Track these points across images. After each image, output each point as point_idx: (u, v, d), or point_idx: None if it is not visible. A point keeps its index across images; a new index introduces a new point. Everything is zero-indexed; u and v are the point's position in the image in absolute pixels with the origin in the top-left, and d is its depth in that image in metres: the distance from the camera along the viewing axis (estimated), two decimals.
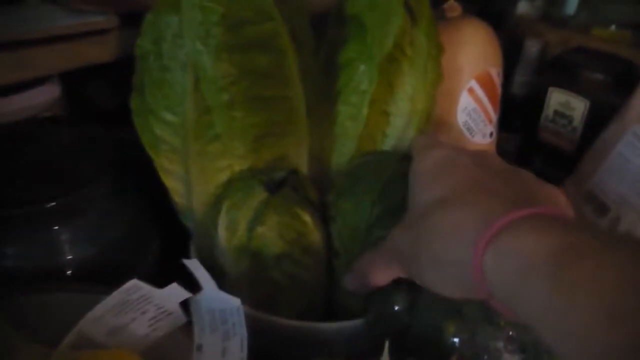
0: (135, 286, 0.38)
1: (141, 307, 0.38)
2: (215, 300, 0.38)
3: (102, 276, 0.44)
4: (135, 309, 0.38)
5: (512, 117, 0.76)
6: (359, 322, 0.42)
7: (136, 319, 0.39)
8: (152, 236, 0.51)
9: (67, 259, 0.45)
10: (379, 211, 0.42)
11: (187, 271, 0.38)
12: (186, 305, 0.38)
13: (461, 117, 0.60)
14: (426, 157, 0.38)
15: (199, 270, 0.38)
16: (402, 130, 0.49)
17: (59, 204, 0.45)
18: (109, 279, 0.39)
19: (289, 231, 0.42)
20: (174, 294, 0.38)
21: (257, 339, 0.37)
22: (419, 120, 0.49)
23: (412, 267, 0.35)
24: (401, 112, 0.48)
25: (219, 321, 0.37)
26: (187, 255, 0.47)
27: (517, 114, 0.77)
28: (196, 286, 0.38)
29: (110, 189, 0.48)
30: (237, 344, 0.37)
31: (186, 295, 0.38)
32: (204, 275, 0.38)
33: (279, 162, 0.44)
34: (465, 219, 0.31)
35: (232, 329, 0.37)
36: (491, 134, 0.63)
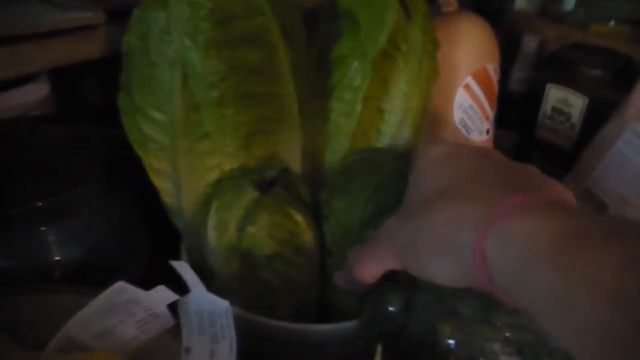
0: (121, 289, 0.37)
1: (128, 309, 0.38)
2: (203, 302, 0.37)
3: (91, 277, 0.43)
4: (122, 311, 0.38)
5: (510, 114, 0.76)
6: (353, 323, 0.41)
7: (124, 322, 0.38)
8: (142, 236, 0.50)
9: (55, 259, 0.44)
10: (373, 210, 0.41)
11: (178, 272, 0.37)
12: (175, 307, 0.38)
13: (457, 114, 0.59)
14: (428, 153, 0.38)
15: (187, 272, 0.37)
16: (397, 127, 0.48)
17: (47, 203, 0.44)
18: (98, 279, 0.39)
19: (280, 231, 0.41)
20: (161, 296, 0.37)
21: (248, 340, 0.36)
22: (413, 117, 0.49)
23: (409, 257, 0.35)
24: (396, 109, 0.47)
25: (208, 323, 0.37)
26: (178, 255, 0.46)
27: (514, 111, 0.77)
28: (186, 288, 0.37)
29: (99, 189, 0.48)
30: (226, 347, 0.36)
31: (174, 297, 0.37)
32: (192, 277, 0.37)
33: (270, 160, 0.43)
34: (468, 205, 0.31)
35: (220, 331, 0.36)
36: (488, 131, 0.62)
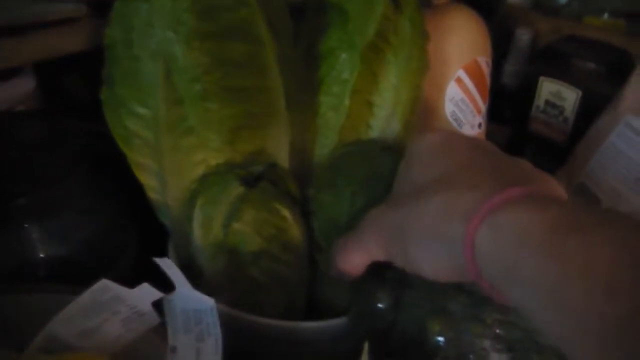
0: (105, 286, 0.36)
1: (113, 307, 0.37)
2: (189, 300, 0.36)
3: (76, 275, 0.42)
4: (106, 309, 0.37)
5: (502, 108, 0.75)
6: (341, 320, 0.41)
7: (108, 320, 0.38)
8: (129, 234, 0.49)
9: (40, 257, 0.44)
10: (361, 203, 0.41)
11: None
12: (161, 305, 0.37)
13: (449, 108, 0.58)
14: (420, 142, 0.37)
15: (172, 269, 0.36)
16: (386, 121, 0.48)
17: (31, 200, 0.43)
18: (84, 278, 0.38)
19: (267, 227, 0.40)
20: (146, 293, 0.36)
21: (236, 338, 0.35)
22: (403, 110, 0.48)
23: (396, 247, 0.34)
24: (385, 103, 0.47)
25: (193, 322, 0.36)
26: (165, 253, 0.45)
27: (507, 105, 0.77)
28: (173, 286, 0.37)
29: (85, 185, 0.47)
30: (211, 345, 0.35)
31: (158, 295, 0.36)
32: (177, 274, 0.36)
33: (257, 156, 0.42)
34: (459, 195, 0.30)
35: (206, 329, 0.36)
36: (480, 125, 0.62)
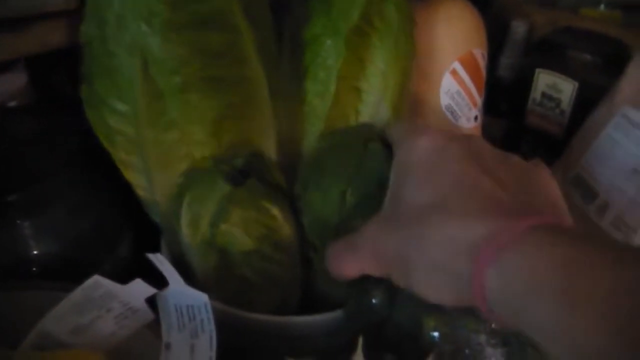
0: (97, 283, 0.36)
1: (105, 304, 0.37)
2: (182, 296, 0.36)
3: (69, 272, 0.42)
4: (99, 306, 0.37)
5: (498, 101, 0.75)
6: (335, 314, 0.40)
7: (101, 317, 0.37)
8: (123, 231, 0.49)
9: (32, 254, 0.43)
10: (354, 199, 0.40)
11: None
12: (154, 302, 0.37)
13: (444, 100, 0.58)
14: (411, 149, 0.36)
15: (164, 265, 0.36)
16: (375, 107, 0.47)
17: (23, 196, 0.43)
18: (76, 275, 0.38)
19: (256, 226, 0.40)
20: (139, 290, 0.36)
21: (229, 335, 0.35)
22: (392, 96, 0.47)
23: (397, 272, 0.34)
24: (373, 89, 0.46)
25: (187, 318, 0.36)
26: (159, 251, 0.45)
27: (503, 97, 0.76)
28: (166, 282, 0.36)
29: (78, 181, 0.47)
30: (206, 341, 0.35)
31: (151, 291, 0.36)
32: (169, 270, 0.36)
33: (243, 147, 0.41)
34: (463, 228, 0.30)
35: (200, 325, 0.36)
36: (476, 118, 0.61)
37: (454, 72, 0.58)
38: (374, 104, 0.47)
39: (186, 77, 0.38)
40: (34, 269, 0.43)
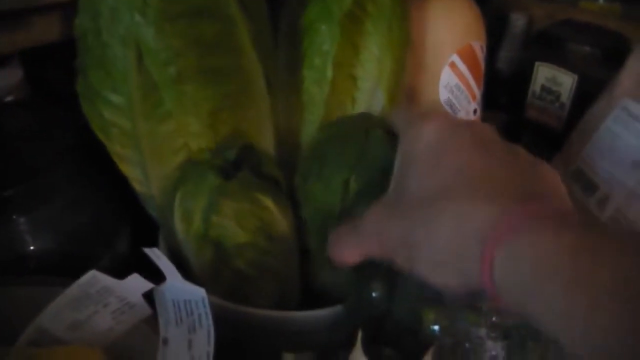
0: (94, 278, 0.36)
1: (102, 299, 0.37)
2: (180, 291, 0.36)
3: (66, 268, 0.42)
4: (96, 301, 0.37)
5: (498, 94, 0.74)
6: (335, 309, 0.40)
7: (98, 312, 0.37)
8: (120, 226, 0.49)
9: (28, 250, 0.43)
10: (357, 187, 0.40)
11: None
12: (151, 297, 0.37)
13: (443, 94, 0.58)
14: (417, 136, 0.35)
15: (161, 259, 0.36)
16: (371, 93, 0.47)
17: (20, 191, 0.43)
18: (73, 271, 0.37)
19: (249, 219, 0.39)
20: (135, 285, 0.36)
21: (228, 329, 0.35)
22: (387, 82, 0.47)
23: (402, 256, 0.33)
24: (368, 75, 0.46)
25: (185, 313, 0.36)
26: (156, 245, 0.45)
27: (502, 91, 0.76)
28: (164, 277, 0.36)
29: (74, 176, 0.46)
30: (203, 336, 0.35)
31: (148, 285, 0.36)
32: (166, 264, 0.36)
33: (239, 138, 0.41)
34: (471, 212, 0.29)
35: (198, 320, 0.35)
36: (475, 111, 0.61)
37: (453, 65, 0.57)
38: (369, 91, 0.47)
39: (181, 68, 0.38)
40: (31, 265, 0.43)
